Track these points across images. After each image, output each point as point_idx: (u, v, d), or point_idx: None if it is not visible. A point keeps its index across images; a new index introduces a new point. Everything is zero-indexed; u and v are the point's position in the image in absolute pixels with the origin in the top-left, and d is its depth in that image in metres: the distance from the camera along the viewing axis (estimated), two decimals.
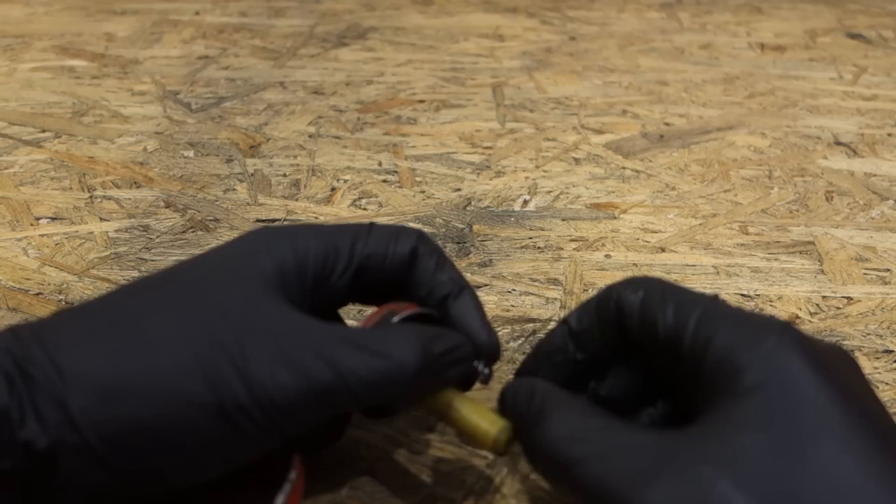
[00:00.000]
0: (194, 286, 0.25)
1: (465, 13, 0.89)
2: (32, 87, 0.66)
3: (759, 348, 0.22)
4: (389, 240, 0.28)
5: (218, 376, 0.23)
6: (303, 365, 0.23)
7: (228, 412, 0.22)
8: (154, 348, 0.23)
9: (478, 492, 0.29)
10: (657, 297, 0.25)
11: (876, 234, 0.46)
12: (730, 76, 0.71)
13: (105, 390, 0.22)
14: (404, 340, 0.25)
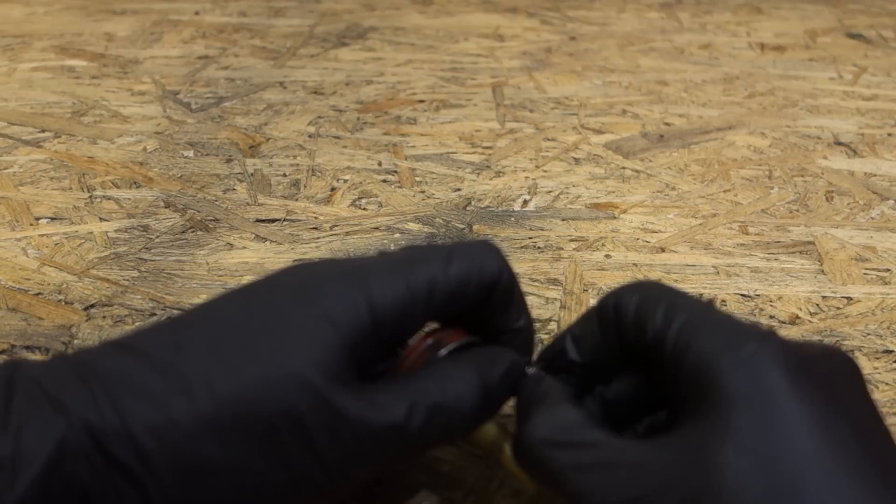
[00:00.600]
0: (263, 340, 0.23)
1: (465, 13, 0.89)
2: (32, 87, 0.66)
3: (736, 356, 0.22)
4: (471, 273, 0.26)
5: (294, 456, 0.22)
6: (378, 440, 0.23)
7: (299, 487, 0.23)
8: (232, 422, 0.22)
9: (478, 492, 0.29)
10: (651, 301, 0.24)
11: (876, 234, 0.46)
12: (730, 76, 0.71)
13: (185, 469, 0.22)
14: (466, 385, 0.24)
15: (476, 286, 0.26)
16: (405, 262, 0.25)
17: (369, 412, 0.23)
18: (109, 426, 0.21)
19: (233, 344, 0.23)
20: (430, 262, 0.25)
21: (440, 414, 0.24)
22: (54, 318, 0.38)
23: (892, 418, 0.33)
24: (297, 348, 0.23)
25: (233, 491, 0.22)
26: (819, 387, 0.21)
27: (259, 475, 0.22)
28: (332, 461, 0.23)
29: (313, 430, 0.22)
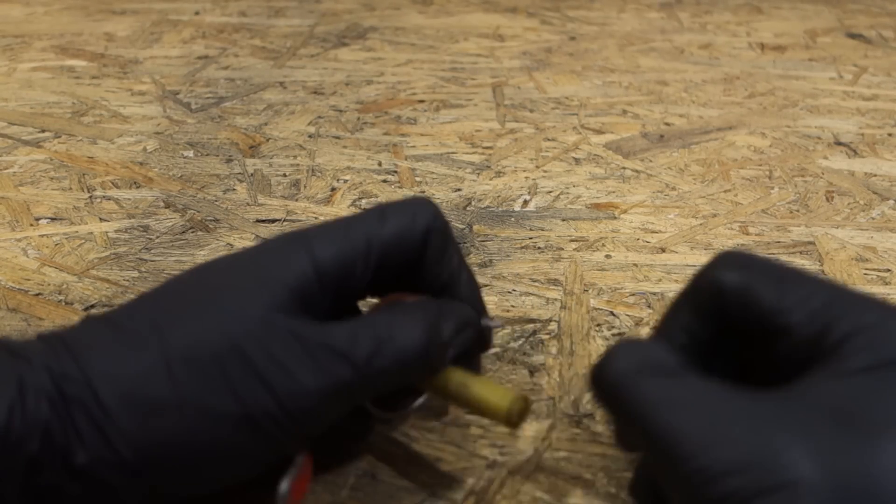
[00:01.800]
0: (216, 296, 0.25)
1: (465, 13, 0.89)
2: (32, 87, 0.66)
3: (879, 333, 0.21)
4: (404, 225, 0.28)
5: (243, 387, 0.23)
6: (324, 367, 0.24)
7: (256, 421, 0.23)
8: (180, 363, 0.23)
9: (478, 492, 0.29)
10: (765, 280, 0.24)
11: (876, 234, 0.46)
12: (730, 76, 0.71)
13: (136, 406, 0.23)
14: (411, 321, 0.26)
15: (411, 238, 0.28)
16: (342, 221, 0.28)
17: (312, 335, 0.24)
18: (68, 371, 0.23)
19: (181, 300, 0.25)
20: (366, 219, 0.28)
21: (386, 346, 0.25)
22: (54, 318, 0.38)
23: None
24: (240, 294, 0.25)
25: (187, 426, 0.23)
26: None
27: (211, 409, 0.23)
28: (283, 390, 0.24)
29: (257, 359, 0.24)
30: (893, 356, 0.21)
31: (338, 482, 0.29)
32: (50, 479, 0.22)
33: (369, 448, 0.30)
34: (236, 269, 0.26)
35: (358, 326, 0.25)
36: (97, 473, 0.23)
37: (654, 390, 0.22)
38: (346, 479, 0.29)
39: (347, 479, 0.29)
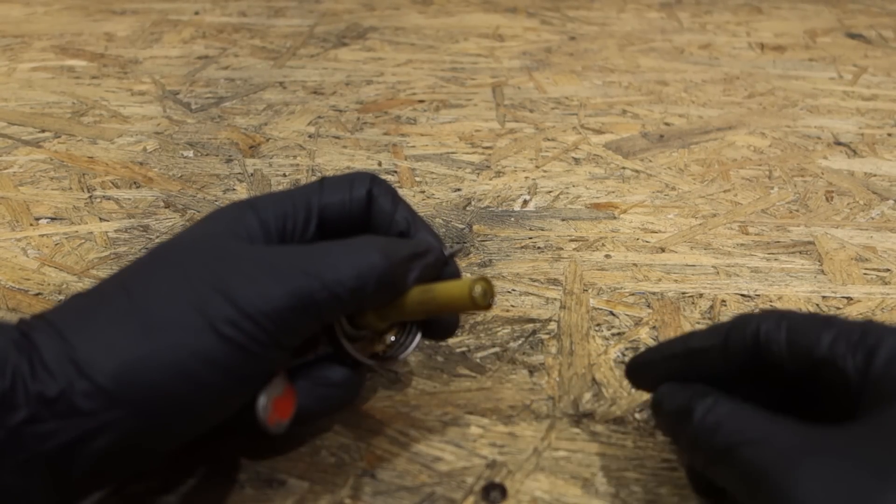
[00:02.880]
0: (173, 250, 0.27)
1: (464, 13, 0.89)
2: (32, 87, 0.66)
3: None
4: (344, 187, 0.31)
5: (202, 301, 0.24)
6: (279, 272, 0.25)
7: (218, 328, 0.24)
8: (142, 297, 0.25)
9: (478, 492, 0.29)
10: (805, 323, 0.25)
11: (876, 234, 0.46)
12: (730, 76, 0.71)
13: (105, 338, 0.24)
14: (367, 243, 0.28)
15: (351, 200, 0.30)
16: (285, 190, 0.31)
17: (270, 251, 0.27)
18: (35, 323, 0.25)
19: (146, 263, 0.27)
20: (307, 186, 0.31)
21: (343, 261, 0.26)
22: None
23: None
24: (198, 239, 0.28)
25: (154, 345, 0.24)
26: None
27: (174, 323, 0.24)
28: (245, 297, 0.25)
29: (216, 272, 0.25)
30: None
31: (338, 482, 0.29)
32: (25, 414, 0.22)
33: (369, 448, 0.30)
34: (190, 231, 0.29)
35: (315, 245, 0.27)
36: (72, 402, 0.23)
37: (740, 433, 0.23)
38: (346, 479, 0.29)
39: (347, 479, 0.29)
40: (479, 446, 0.31)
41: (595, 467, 0.30)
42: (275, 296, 0.25)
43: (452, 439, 0.31)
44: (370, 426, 0.31)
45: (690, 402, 0.26)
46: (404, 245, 0.29)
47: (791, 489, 0.21)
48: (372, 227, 0.31)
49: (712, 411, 0.25)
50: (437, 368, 0.35)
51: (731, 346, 0.27)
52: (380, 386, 0.34)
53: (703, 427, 0.25)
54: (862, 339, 0.24)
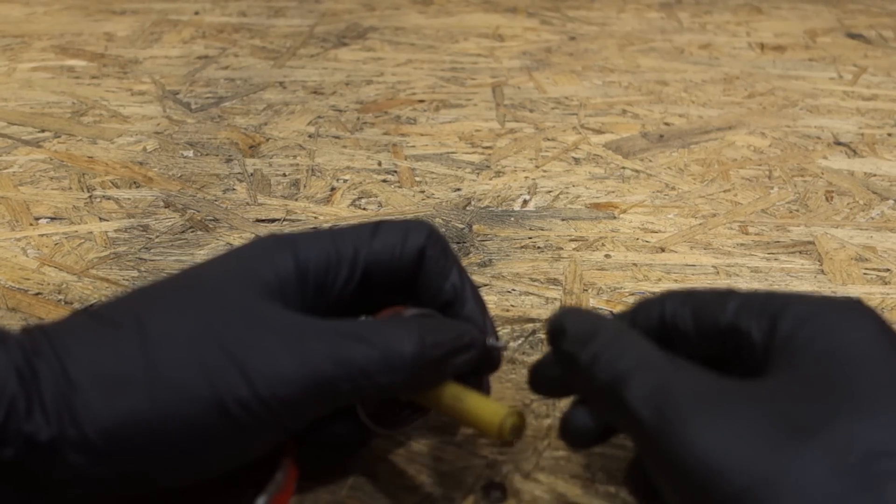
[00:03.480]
0: (196, 288, 0.26)
1: (464, 13, 0.89)
2: (32, 87, 0.66)
3: (828, 320, 0.23)
4: (396, 241, 0.28)
5: (216, 370, 0.23)
6: (303, 354, 0.23)
7: (226, 406, 0.23)
8: (154, 344, 0.23)
9: (478, 492, 0.29)
10: (709, 297, 0.26)
11: (876, 234, 0.46)
12: (730, 76, 0.71)
13: (106, 383, 0.23)
14: (402, 330, 0.25)
15: (403, 254, 0.28)
16: (333, 230, 0.28)
17: (296, 323, 0.24)
18: (41, 349, 0.23)
19: (163, 292, 0.26)
20: (357, 229, 0.28)
21: (373, 348, 0.24)
22: (54, 318, 0.38)
23: None
24: (220, 283, 0.26)
25: (156, 406, 0.22)
26: None
27: (182, 389, 0.23)
28: (259, 375, 0.23)
29: (233, 342, 0.23)
30: (843, 339, 0.22)
31: (337, 482, 0.29)
32: (11, 452, 0.22)
33: (369, 448, 0.30)
34: (219, 264, 0.27)
35: (346, 325, 0.25)
36: (61, 452, 0.22)
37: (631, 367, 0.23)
38: (345, 479, 0.29)
39: (347, 479, 0.29)
40: (479, 446, 0.31)
41: (595, 467, 0.30)
42: (294, 380, 0.23)
43: (452, 439, 0.31)
44: None
45: (597, 323, 0.25)
46: (445, 334, 0.26)
47: (692, 434, 0.20)
48: (418, 286, 0.29)
49: (619, 336, 0.24)
50: None
51: (638, 329, 0.26)
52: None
53: (607, 349, 0.23)
54: (765, 305, 0.24)
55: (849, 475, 0.19)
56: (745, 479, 0.19)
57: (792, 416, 0.20)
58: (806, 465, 0.19)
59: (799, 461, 0.19)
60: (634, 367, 0.23)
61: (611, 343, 0.24)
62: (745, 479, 0.19)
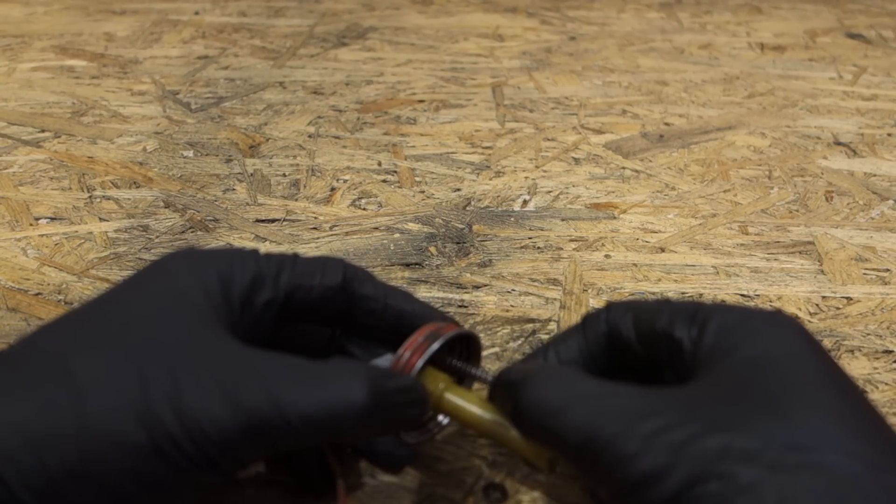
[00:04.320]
0: (122, 319, 0.24)
1: (464, 13, 0.89)
2: (32, 87, 0.66)
3: (751, 327, 0.24)
4: (316, 271, 0.28)
5: (151, 413, 0.22)
6: (240, 398, 0.22)
7: (162, 450, 0.21)
8: (81, 390, 0.22)
9: (478, 492, 0.29)
10: (648, 306, 0.27)
11: (876, 234, 0.46)
12: (730, 76, 0.71)
13: (31, 439, 0.21)
14: (352, 376, 0.23)
15: (321, 283, 0.28)
16: (254, 252, 0.28)
17: (236, 361, 0.23)
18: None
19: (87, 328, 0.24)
20: (277, 257, 0.28)
21: (317, 392, 0.23)
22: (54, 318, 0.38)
23: (892, 418, 0.33)
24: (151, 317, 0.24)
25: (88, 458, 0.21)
26: (823, 352, 0.24)
27: (114, 437, 0.21)
28: (192, 422, 0.22)
29: (161, 381, 0.22)
30: (760, 348, 0.24)
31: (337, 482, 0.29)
32: None
33: None
34: (143, 288, 0.26)
35: (290, 364, 0.24)
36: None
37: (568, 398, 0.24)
38: (345, 479, 0.29)
39: (347, 479, 0.29)
40: (479, 446, 0.31)
41: None
42: (230, 424, 0.22)
43: (452, 439, 0.31)
44: None
45: (528, 367, 0.26)
46: (392, 386, 0.24)
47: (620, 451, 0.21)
48: (356, 316, 0.29)
49: (540, 378, 0.25)
50: None
51: (589, 338, 0.28)
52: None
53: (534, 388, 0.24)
54: (695, 315, 0.26)
55: (767, 469, 0.20)
56: (677, 483, 0.20)
57: (710, 417, 0.21)
58: (731, 464, 0.20)
59: (725, 461, 0.20)
60: (560, 400, 0.24)
61: (537, 383, 0.25)
62: (677, 483, 0.20)
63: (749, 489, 0.20)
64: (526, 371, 0.25)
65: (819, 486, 0.19)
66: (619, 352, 0.27)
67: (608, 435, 0.22)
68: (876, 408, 0.23)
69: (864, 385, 0.34)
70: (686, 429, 0.21)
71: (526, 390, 0.24)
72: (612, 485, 0.22)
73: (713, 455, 0.20)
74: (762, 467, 0.20)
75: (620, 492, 0.21)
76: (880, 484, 0.20)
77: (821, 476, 0.20)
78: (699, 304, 0.26)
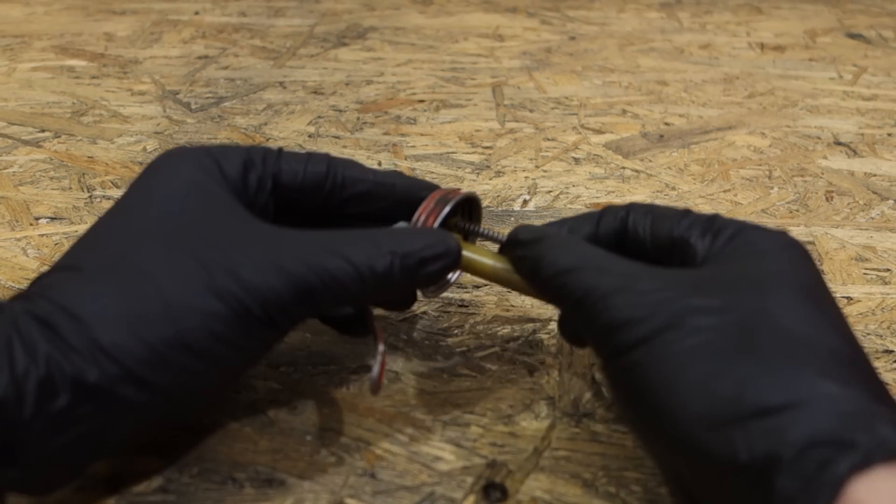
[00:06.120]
0: (156, 216, 0.27)
1: (464, 13, 0.89)
2: (32, 87, 0.66)
3: (759, 240, 0.27)
4: (301, 158, 0.31)
5: (220, 287, 0.25)
6: (286, 266, 0.26)
7: (237, 313, 0.25)
8: (155, 278, 0.25)
9: (478, 492, 0.29)
10: (667, 212, 0.29)
11: (876, 234, 0.46)
12: (730, 76, 0.71)
13: (128, 322, 0.24)
14: (374, 246, 0.27)
15: (306, 171, 0.31)
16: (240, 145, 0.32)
17: (265, 232, 0.27)
18: (50, 310, 0.24)
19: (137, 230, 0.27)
20: (263, 147, 0.31)
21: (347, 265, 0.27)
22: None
23: None
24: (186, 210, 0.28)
25: (178, 326, 0.25)
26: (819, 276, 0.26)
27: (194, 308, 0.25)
28: (253, 287, 0.25)
29: (219, 260, 0.26)
30: (762, 248, 0.26)
31: (337, 482, 0.29)
32: (63, 401, 0.23)
33: (369, 448, 0.30)
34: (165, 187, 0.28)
35: (318, 239, 0.27)
36: (108, 388, 0.24)
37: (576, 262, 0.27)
38: (345, 479, 0.29)
39: (347, 479, 0.29)
40: (479, 446, 0.31)
41: (595, 467, 0.30)
42: (280, 289, 0.26)
43: (452, 439, 0.31)
44: (370, 426, 0.31)
45: (544, 232, 0.29)
46: (417, 244, 0.28)
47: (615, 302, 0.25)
48: (351, 211, 0.32)
49: (561, 241, 0.28)
50: (437, 368, 0.35)
51: (602, 229, 0.30)
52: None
53: (550, 250, 0.27)
54: (710, 224, 0.28)
55: (733, 324, 0.23)
56: (652, 325, 0.23)
57: (702, 287, 0.24)
58: (702, 316, 0.23)
59: (697, 314, 0.23)
60: (574, 261, 0.27)
61: (554, 246, 0.28)
62: (652, 325, 0.23)
63: (701, 331, 0.23)
64: (544, 233, 0.29)
65: (773, 340, 0.22)
66: (628, 250, 0.29)
67: (605, 290, 0.25)
68: (849, 323, 0.25)
69: None
70: (673, 291, 0.24)
71: (545, 249, 0.28)
72: (597, 329, 0.25)
73: (686, 310, 0.23)
74: (722, 320, 0.23)
75: (602, 333, 0.25)
76: (833, 357, 0.22)
77: (775, 333, 0.22)
78: (716, 216, 0.28)
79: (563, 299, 0.27)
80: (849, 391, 0.21)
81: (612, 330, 0.24)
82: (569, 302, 0.26)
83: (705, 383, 0.22)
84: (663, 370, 0.23)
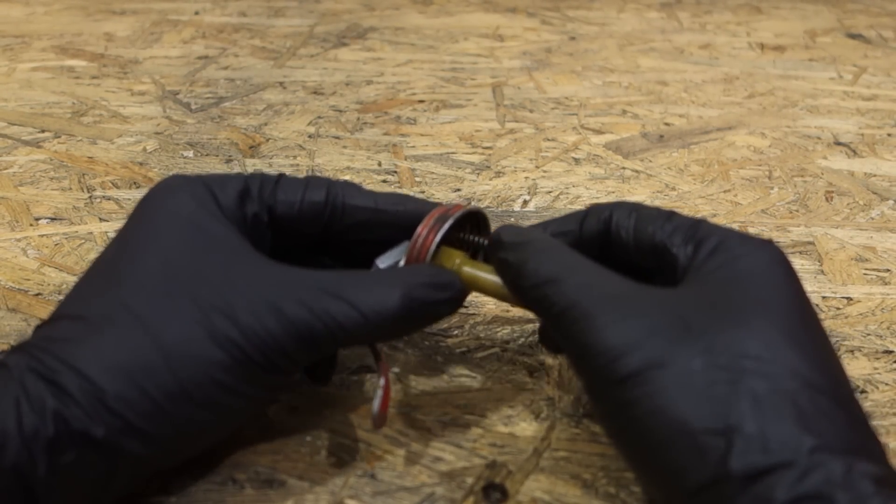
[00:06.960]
0: (154, 258, 0.27)
1: (464, 13, 0.89)
2: (32, 87, 0.66)
3: (739, 253, 0.27)
4: (299, 187, 0.31)
5: (219, 334, 0.25)
6: (285, 312, 0.26)
7: (238, 361, 0.25)
8: (154, 327, 0.25)
9: (478, 492, 0.29)
10: (651, 214, 0.29)
11: (876, 234, 0.46)
12: (730, 76, 0.71)
13: (128, 373, 0.24)
14: (378, 288, 0.27)
15: (303, 200, 0.31)
16: (237, 174, 0.31)
17: (278, 272, 0.27)
18: (54, 366, 0.24)
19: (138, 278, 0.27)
20: (260, 175, 0.31)
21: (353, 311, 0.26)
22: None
23: (892, 418, 0.33)
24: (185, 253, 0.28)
25: (179, 377, 0.25)
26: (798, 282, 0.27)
27: (196, 358, 0.25)
28: (252, 333, 0.25)
29: (219, 304, 0.26)
30: (745, 267, 0.26)
31: (338, 482, 0.29)
32: (71, 456, 0.23)
33: (369, 448, 0.30)
34: (164, 227, 0.28)
35: (324, 280, 0.27)
36: (114, 442, 0.24)
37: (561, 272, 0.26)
38: (345, 479, 0.29)
39: (347, 479, 0.29)
40: (479, 446, 0.31)
41: (595, 467, 0.30)
42: (280, 334, 0.26)
43: (452, 439, 0.31)
44: (370, 427, 0.31)
45: (528, 235, 0.29)
46: (424, 294, 0.28)
47: (601, 324, 0.24)
48: (351, 237, 0.32)
49: (546, 246, 0.28)
50: (437, 368, 0.35)
51: (585, 231, 0.30)
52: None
53: (534, 256, 0.27)
54: (693, 232, 0.28)
55: (720, 369, 0.23)
56: (640, 362, 0.23)
57: (687, 321, 0.24)
58: (690, 357, 0.23)
59: (685, 353, 0.23)
60: (558, 270, 0.26)
61: (537, 252, 0.27)
62: (640, 362, 0.23)
63: (692, 374, 0.23)
64: (528, 236, 0.28)
65: (758, 390, 0.22)
66: (611, 250, 0.29)
67: (589, 305, 0.25)
68: (827, 335, 0.25)
69: (865, 385, 0.34)
70: (657, 318, 0.24)
71: (528, 254, 0.27)
72: (578, 348, 0.25)
73: (671, 349, 0.23)
74: (709, 363, 0.23)
75: (583, 354, 0.24)
76: (814, 403, 0.22)
77: (760, 381, 0.22)
78: (700, 222, 0.28)
79: (545, 311, 0.27)
80: (831, 440, 0.21)
81: (594, 355, 0.24)
82: (549, 314, 0.26)
83: (694, 435, 0.22)
84: (649, 410, 0.23)
